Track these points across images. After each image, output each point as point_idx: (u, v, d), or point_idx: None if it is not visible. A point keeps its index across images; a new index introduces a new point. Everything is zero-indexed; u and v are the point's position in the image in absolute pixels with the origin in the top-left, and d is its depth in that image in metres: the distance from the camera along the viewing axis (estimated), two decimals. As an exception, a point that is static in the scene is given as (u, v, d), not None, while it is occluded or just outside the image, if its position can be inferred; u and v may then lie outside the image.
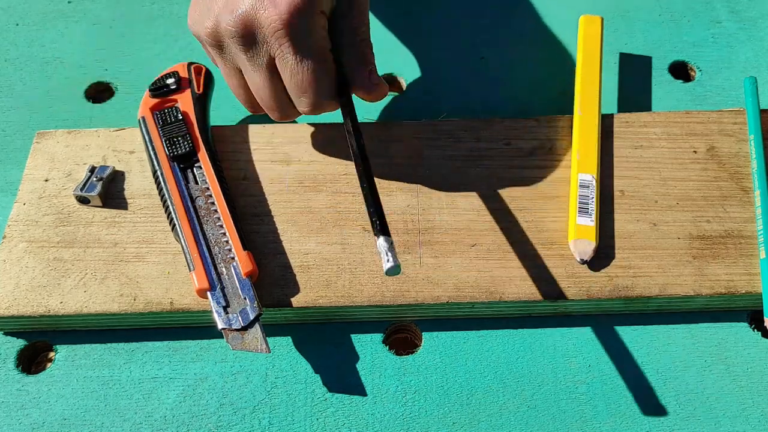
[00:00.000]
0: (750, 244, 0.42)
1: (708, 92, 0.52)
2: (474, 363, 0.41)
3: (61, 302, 0.41)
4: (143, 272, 0.42)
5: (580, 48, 0.51)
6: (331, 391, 0.40)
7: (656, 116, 0.48)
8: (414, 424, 0.39)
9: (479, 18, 0.57)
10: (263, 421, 0.39)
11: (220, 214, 0.42)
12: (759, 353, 0.41)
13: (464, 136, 0.47)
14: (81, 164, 0.47)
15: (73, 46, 0.56)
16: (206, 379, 0.41)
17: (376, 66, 0.44)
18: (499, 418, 0.39)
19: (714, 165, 0.46)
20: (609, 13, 0.57)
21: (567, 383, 0.40)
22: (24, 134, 0.51)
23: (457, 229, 0.43)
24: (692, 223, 0.43)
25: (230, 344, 0.39)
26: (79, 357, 0.41)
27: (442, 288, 0.41)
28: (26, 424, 0.39)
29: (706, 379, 0.40)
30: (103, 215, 0.45)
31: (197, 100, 0.47)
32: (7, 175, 0.49)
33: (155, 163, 0.44)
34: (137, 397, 0.40)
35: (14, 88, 0.54)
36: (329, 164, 0.46)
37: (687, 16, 0.57)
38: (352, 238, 0.43)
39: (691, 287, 0.41)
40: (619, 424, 0.39)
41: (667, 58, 0.54)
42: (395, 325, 0.43)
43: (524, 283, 0.41)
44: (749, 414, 0.39)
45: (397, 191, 0.45)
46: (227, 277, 0.40)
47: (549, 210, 0.44)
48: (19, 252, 0.43)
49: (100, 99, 0.53)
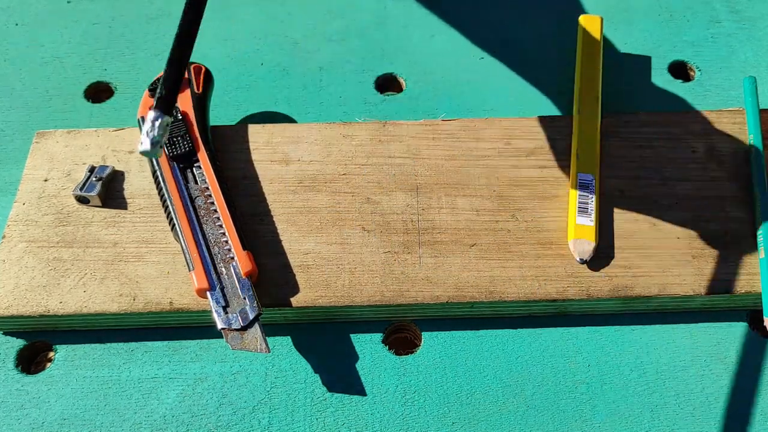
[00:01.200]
0: (749, 244, 0.42)
1: (707, 92, 0.52)
2: (473, 363, 0.41)
3: (61, 302, 0.41)
4: (143, 272, 0.42)
5: (580, 48, 0.51)
6: (331, 391, 0.40)
7: (656, 116, 0.48)
8: (413, 424, 0.39)
9: (479, 18, 0.57)
10: (263, 421, 0.39)
11: (219, 214, 0.42)
12: (758, 353, 0.41)
13: (464, 136, 0.47)
14: (80, 164, 0.47)
15: (73, 46, 0.56)
16: (206, 379, 0.41)
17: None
18: (498, 418, 0.39)
19: (713, 165, 0.46)
20: (609, 13, 0.57)
21: (566, 383, 0.40)
22: (23, 134, 0.51)
23: (456, 229, 0.43)
24: (692, 222, 0.43)
25: (230, 344, 0.39)
26: (78, 357, 0.41)
27: (441, 288, 0.41)
28: (26, 424, 0.39)
29: (706, 379, 0.40)
30: (102, 215, 0.45)
31: (197, 99, 0.47)
32: (6, 175, 0.49)
33: (155, 163, 0.44)
34: (137, 397, 0.40)
35: (14, 88, 0.54)
36: (328, 164, 0.46)
37: (686, 16, 0.57)
38: (351, 238, 0.43)
39: (691, 287, 0.41)
40: (618, 424, 0.39)
41: (667, 58, 0.54)
42: (395, 325, 0.43)
43: (524, 282, 0.41)
44: (749, 413, 0.39)
45: (397, 191, 0.45)
46: (227, 276, 0.40)
47: (548, 210, 0.44)
48: (18, 252, 0.43)
49: (100, 99, 0.53)
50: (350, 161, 0.46)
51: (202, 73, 0.49)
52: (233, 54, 0.55)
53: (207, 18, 0.57)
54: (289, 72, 0.54)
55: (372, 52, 0.55)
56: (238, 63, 0.55)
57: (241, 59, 0.55)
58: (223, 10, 0.58)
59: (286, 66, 0.54)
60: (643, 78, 0.53)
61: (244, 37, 0.56)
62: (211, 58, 0.55)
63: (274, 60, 0.55)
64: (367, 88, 0.53)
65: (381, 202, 0.45)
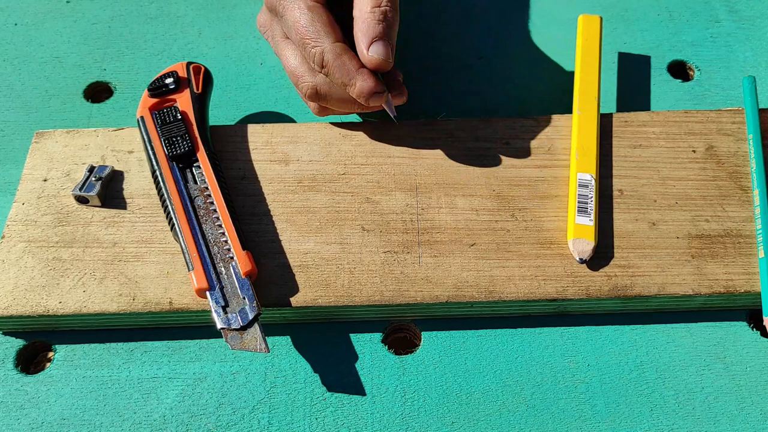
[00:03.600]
0: (749, 244, 0.42)
1: (707, 92, 0.52)
2: (473, 362, 0.41)
3: (60, 302, 0.41)
4: (142, 272, 0.42)
5: (579, 47, 0.51)
6: (331, 391, 0.40)
7: (655, 115, 0.48)
8: (413, 424, 0.39)
9: (479, 17, 0.57)
10: (262, 420, 0.39)
11: (219, 214, 0.42)
12: (758, 352, 0.41)
13: (463, 136, 0.47)
14: (80, 164, 0.47)
15: (72, 45, 0.56)
16: (205, 379, 0.41)
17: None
18: (498, 418, 0.39)
19: (713, 164, 0.46)
20: (608, 13, 0.57)
21: (566, 382, 0.40)
22: (23, 134, 0.51)
23: (456, 229, 0.43)
24: (691, 222, 0.43)
25: (229, 344, 0.39)
26: (78, 357, 0.41)
27: (441, 287, 0.41)
28: (25, 424, 0.39)
29: (705, 379, 0.40)
30: (102, 215, 0.45)
31: (196, 99, 0.47)
32: (5, 174, 0.49)
33: (154, 163, 0.44)
34: (136, 397, 0.40)
35: (13, 87, 0.54)
36: (328, 164, 0.46)
37: (686, 16, 0.57)
38: (351, 238, 0.43)
39: (690, 286, 0.41)
40: (618, 424, 0.39)
41: (666, 58, 0.54)
42: (394, 325, 0.43)
43: (523, 282, 0.41)
44: (748, 413, 0.39)
45: (397, 191, 0.45)
46: (226, 276, 0.40)
47: (548, 209, 0.44)
48: (18, 252, 0.43)
49: (99, 99, 0.53)
50: (350, 161, 0.46)
51: (201, 72, 0.49)
52: (233, 54, 0.55)
53: (207, 18, 0.57)
54: (288, 72, 0.54)
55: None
56: (238, 63, 0.55)
57: (240, 59, 0.55)
58: (223, 10, 0.58)
59: (286, 66, 0.54)
60: (643, 78, 0.53)
61: (244, 37, 0.56)
62: (211, 58, 0.55)
63: (274, 60, 0.55)
64: (367, 87, 0.53)
65: (380, 202, 0.45)
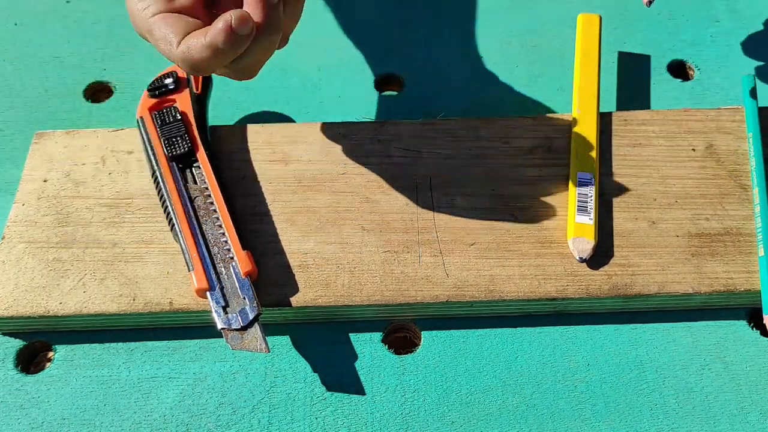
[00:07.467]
0: (749, 242, 0.42)
1: (706, 91, 0.52)
2: (473, 362, 0.41)
3: (61, 303, 0.41)
4: (142, 272, 0.42)
5: (579, 46, 0.51)
6: (330, 390, 0.40)
7: (654, 114, 0.48)
8: (413, 423, 0.39)
9: (478, 16, 0.57)
10: (262, 420, 0.39)
11: (219, 214, 0.42)
12: (758, 351, 0.41)
13: (463, 135, 0.47)
14: (80, 164, 0.47)
15: (72, 45, 0.56)
16: (205, 379, 0.41)
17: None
18: (498, 417, 0.39)
19: (712, 163, 0.46)
20: (607, 12, 0.57)
21: (566, 382, 0.40)
22: (22, 134, 0.51)
23: (455, 228, 0.43)
24: (691, 221, 0.43)
25: (229, 344, 0.39)
26: (78, 357, 0.41)
27: (441, 287, 0.41)
28: (25, 424, 0.39)
29: (705, 378, 0.40)
30: (102, 215, 0.45)
31: (196, 99, 0.47)
32: (5, 175, 0.49)
33: (154, 164, 0.44)
34: (136, 397, 0.40)
35: (13, 87, 0.54)
36: (328, 164, 0.46)
37: (685, 15, 0.57)
38: (351, 238, 0.43)
39: (690, 285, 0.41)
40: (618, 423, 0.39)
41: (666, 57, 0.54)
42: (394, 324, 0.43)
43: (523, 281, 0.41)
44: (748, 412, 0.39)
45: (397, 191, 0.45)
46: (226, 276, 0.41)
47: (548, 208, 0.44)
48: (18, 253, 0.43)
49: (99, 99, 0.53)
50: (349, 161, 0.46)
51: (201, 72, 0.49)
52: (232, 54, 0.55)
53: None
54: (287, 71, 0.54)
55: (371, 52, 0.55)
56: (237, 63, 0.54)
57: (240, 59, 0.55)
58: (222, 10, 0.58)
59: (285, 65, 0.54)
60: (642, 77, 0.53)
61: (243, 36, 0.56)
62: (210, 57, 0.55)
63: (273, 59, 0.54)
64: (367, 87, 0.53)
65: (380, 202, 0.45)
